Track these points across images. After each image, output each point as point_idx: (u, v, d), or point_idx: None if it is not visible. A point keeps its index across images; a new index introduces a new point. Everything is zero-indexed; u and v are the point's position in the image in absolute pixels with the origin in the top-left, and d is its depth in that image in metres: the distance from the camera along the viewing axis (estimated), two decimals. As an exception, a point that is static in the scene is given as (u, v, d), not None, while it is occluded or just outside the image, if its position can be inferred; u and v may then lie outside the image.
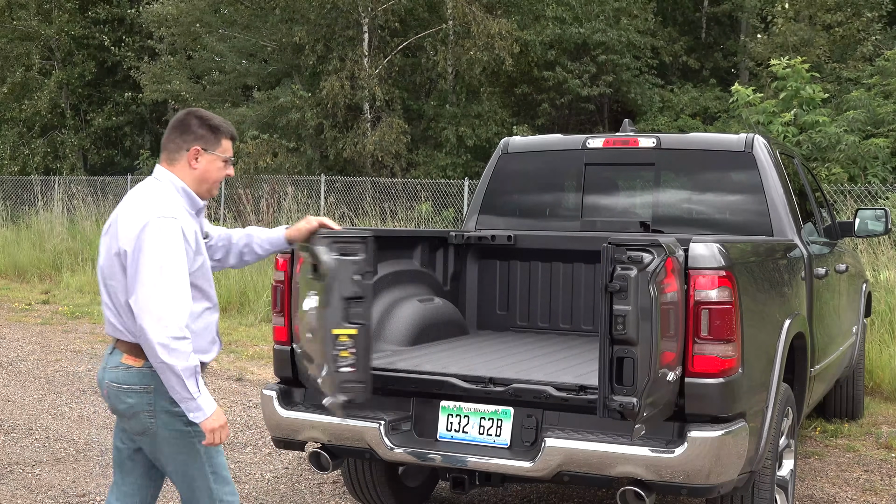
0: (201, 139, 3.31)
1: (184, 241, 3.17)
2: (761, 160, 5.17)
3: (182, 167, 3.32)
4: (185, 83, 24.14)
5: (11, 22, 27.18)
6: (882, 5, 21.59)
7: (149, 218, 3.14)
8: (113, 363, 3.29)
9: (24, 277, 16.82)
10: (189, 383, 3.10)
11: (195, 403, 3.14)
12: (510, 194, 5.88)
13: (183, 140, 3.31)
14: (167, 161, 3.34)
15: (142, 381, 3.22)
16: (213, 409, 3.18)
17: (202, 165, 3.32)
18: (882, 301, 8.86)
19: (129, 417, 3.29)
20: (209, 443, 3.22)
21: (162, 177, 3.33)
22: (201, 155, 3.31)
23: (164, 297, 3.07)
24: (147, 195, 3.25)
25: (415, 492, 5.21)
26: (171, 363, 3.06)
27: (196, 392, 3.12)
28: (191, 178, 3.32)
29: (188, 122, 3.32)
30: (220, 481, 3.36)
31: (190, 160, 3.30)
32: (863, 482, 5.79)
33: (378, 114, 21.25)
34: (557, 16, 21.89)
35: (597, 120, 23.95)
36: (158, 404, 3.22)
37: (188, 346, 3.11)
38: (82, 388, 8.20)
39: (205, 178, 3.34)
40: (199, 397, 3.13)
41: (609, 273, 3.46)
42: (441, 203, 16.97)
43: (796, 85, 15.15)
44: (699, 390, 3.68)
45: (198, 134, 3.30)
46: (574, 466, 3.81)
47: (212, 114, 3.39)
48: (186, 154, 3.30)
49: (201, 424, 3.18)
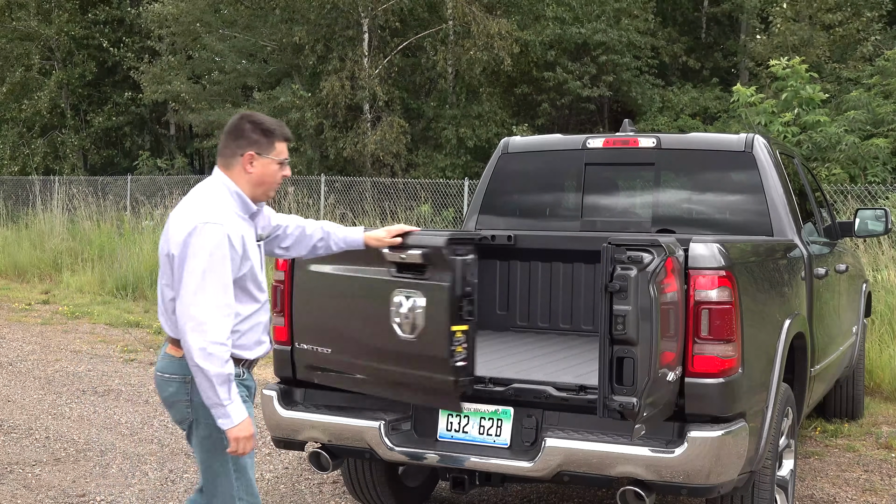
0: (255, 144, 3.35)
1: (229, 247, 3.22)
2: (761, 160, 5.18)
3: (237, 172, 3.36)
4: (185, 83, 24.14)
5: (11, 22, 27.17)
6: (882, 5, 21.57)
7: (196, 223, 3.20)
8: (162, 352, 3.43)
9: (24, 277, 16.82)
10: (220, 390, 3.15)
11: (224, 410, 3.18)
12: (510, 194, 5.88)
13: (237, 145, 3.36)
14: (223, 166, 3.39)
15: (181, 371, 3.29)
16: (242, 418, 3.21)
17: (257, 169, 3.36)
18: (882, 301, 8.86)
19: (169, 406, 3.39)
20: (232, 451, 3.25)
21: (217, 180, 3.38)
22: (255, 159, 3.35)
23: (205, 303, 3.14)
24: (199, 199, 3.32)
25: (415, 492, 5.21)
26: (206, 368, 3.12)
27: (227, 399, 3.17)
28: (246, 182, 3.36)
29: (241, 126, 3.37)
30: (242, 482, 3.38)
31: (245, 165, 3.35)
32: (863, 482, 5.79)
33: (378, 114, 21.25)
34: (557, 16, 21.88)
35: (597, 120, 23.95)
36: (195, 396, 3.26)
37: (225, 352, 3.16)
38: (82, 388, 8.21)
39: (261, 182, 3.38)
40: (228, 405, 3.17)
41: (609, 273, 3.46)
42: (441, 203, 16.97)
43: (796, 85, 15.14)
44: (699, 390, 3.68)
45: (251, 139, 3.35)
46: (574, 466, 3.81)
47: (265, 117, 3.43)
48: (241, 159, 3.35)
49: (227, 432, 3.21)
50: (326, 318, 4.25)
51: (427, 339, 3.81)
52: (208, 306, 3.14)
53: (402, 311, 3.83)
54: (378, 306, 3.92)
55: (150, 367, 9.23)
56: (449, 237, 3.78)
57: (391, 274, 3.91)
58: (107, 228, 17.34)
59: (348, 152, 20.47)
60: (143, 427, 6.92)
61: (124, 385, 8.34)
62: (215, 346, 3.13)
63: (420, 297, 3.80)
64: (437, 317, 3.77)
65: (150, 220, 16.48)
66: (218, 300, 3.16)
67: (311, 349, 4.21)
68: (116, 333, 11.25)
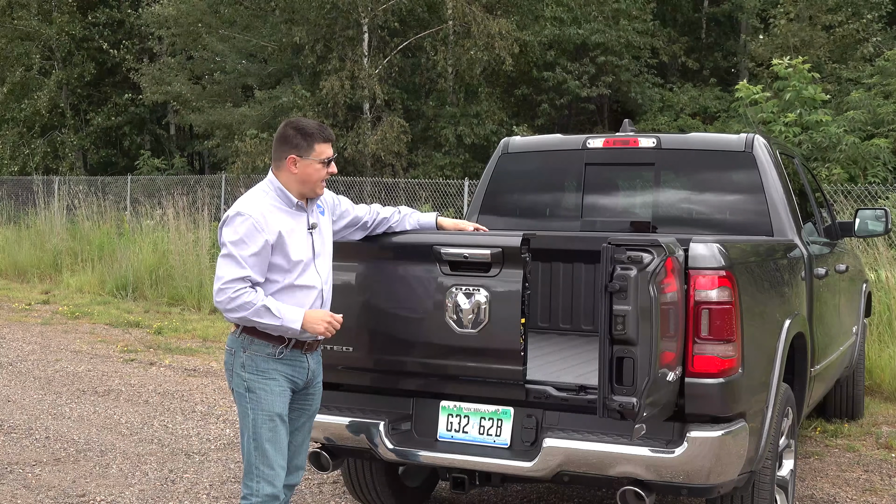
0: (296, 148, 3.75)
1: (255, 231, 3.61)
2: (761, 160, 5.17)
3: (285, 173, 3.77)
4: (185, 84, 24.14)
5: (11, 22, 27.17)
6: (882, 6, 21.57)
7: (230, 213, 3.69)
8: None
9: (24, 277, 16.82)
10: (265, 319, 3.58)
11: (284, 327, 3.61)
12: (510, 194, 5.88)
13: (282, 150, 3.77)
14: (274, 167, 3.81)
15: (231, 344, 3.77)
16: (300, 318, 3.62)
17: (300, 170, 3.75)
18: (882, 301, 8.86)
19: (226, 373, 3.83)
20: (324, 332, 3.68)
21: (268, 178, 3.80)
22: (298, 161, 3.74)
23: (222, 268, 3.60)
24: (246, 195, 3.78)
25: (415, 492, 5.21)
26: (242, 316, 3.58)
27: (277, 320, 3.59)
28: (293, 182, 3.77)
29: (286, 133, 3.78)
30: (261, 456, 3.68)
31: (290, 167, 3.75)
32: (863, 482, 5.79)
33: (378, 113, 21.25)
34: (556, 16, 21.88)
35: (597, 120, 23.95)
36: (235, 365, 3.73)
37: (243, 296, 3.55)
38: (82, 388, 8.21)
39: (306, 181, 3.77)
40: (283, 320, 3.59)
41: (609, 273, 3.46)
42: (441, 203, 16.97)
43: (798, 85, 15.13)
44: (699, 390, 3.68)
45: (293, 143, 3.75)
46: (574, 466, 3.81)
47: (307, 121, 3.83)
48: (286, 162, 3.75)
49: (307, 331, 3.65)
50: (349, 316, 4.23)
51: (494, 333, 3.93)
52: (221, 273, 3.59)
53: (462, 307, 3.96)
54: (427, 302, 4.00)
55: (150, 367, 9.23)
56: (523, 237, 3.95)
57: (445, 272, 4.02)
58: (107, 228, 17.34)
59: (349, 152, 20.47)
60: (143, 427, 6.92)
61: (124, 385, 8.34)
62: (232, 301, 3.54)
63: (482, 294, 3.94)
64: (507, 311, 3.91)
65: (150, 219, 16.47)
66: (230, 268, 3.58)
67: (328, 348, 4.21)
68: (116, 333, 11.25)
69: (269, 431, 3.68)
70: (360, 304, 4.21)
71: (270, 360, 3.68)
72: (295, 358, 3.74)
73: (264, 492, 3.68)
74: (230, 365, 3.75)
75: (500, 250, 3.93)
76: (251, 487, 3.69)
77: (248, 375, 3.68)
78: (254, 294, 3.58)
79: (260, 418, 3.67)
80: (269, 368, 3.69)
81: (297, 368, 3.76)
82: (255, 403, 3.68)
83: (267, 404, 3.68)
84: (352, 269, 4.22)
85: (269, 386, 3.68)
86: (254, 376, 3.68)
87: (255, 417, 3.67)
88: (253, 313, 3.57)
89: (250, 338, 3.69)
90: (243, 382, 3.70)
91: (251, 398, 3.68)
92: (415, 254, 4.14)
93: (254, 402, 3.68)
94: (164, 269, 14.23)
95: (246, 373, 3.69)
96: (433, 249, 4.04)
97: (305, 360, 3.79)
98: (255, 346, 3.68)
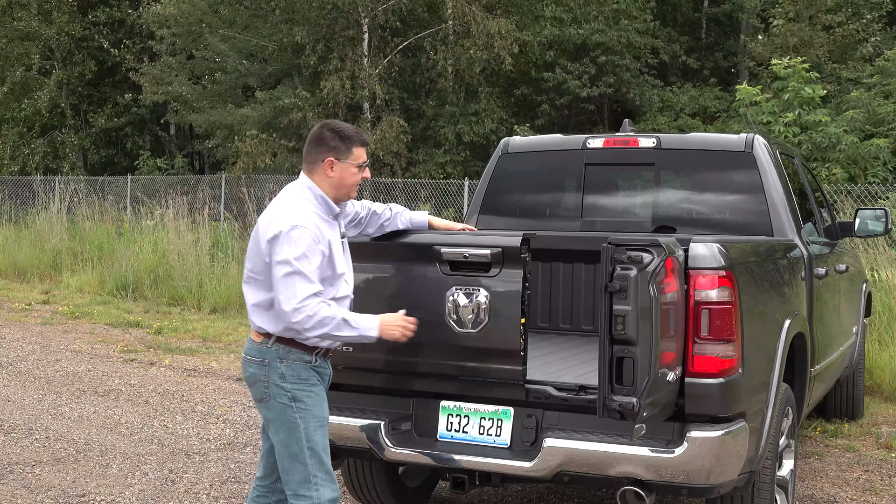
0: (334, 150, 3.69)
1: (314, 244, 3.54)
2: (761, 160, 5.17)
3: (320, 176, 3.70)
4: (185, 84, 24.14)
5: (11, 22, 27.17)
6: (882, 6, 21.57)
7: (282, 227, 3.52)
8: (248, 337, 3.75)
9: (24, 277, 16.82)
10: (344, 332, 3.55)
11: (362, 336, 3.61)
12: (510, 194, 5.88)
13: (318, 152, 3.70)
14: (308, 171, 3.73)
15: (261, 355, 3.63)
16: (377, 324, 3.63)
17: (337, 173, 3.69)
18: (882, 301, 8.86)
19: (250, 385, 3.70)
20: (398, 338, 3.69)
21: (303, 184, 3.71)
22: (335, 164, 3.68)
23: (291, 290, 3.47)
24: (288, 204, 3.63)
25: (415, 492, 5.21)
26: (322, 332, 3.51)
27: (355, 331, 3.57)
28: (328, 186, 3.70)
29: (323, 135, 3.71)
30: (318, 464, 3.62)
31: (326, 170, 3.69)
32: (863, 482, 5.79)
33: (378, 113, 21.25)
34: (556, 16, 21.87)
35: (597, 120, 23.95)
36: (271, 377, 3.60)
37: (323, 311, 3.48)
38: (82, 388, 8.21)
39: (341, 185, 3.72)
40: (360, 330, 3.58)
41: (609, 273, 3.46)
42: (441, 203, 16.97)
43: (797, 85, 15.13)
44: (699, 390, 3.68)
45: (330, 146, 3.69)
46: (574, 466, 3.81)
47: (343, 124, 3.76)
48: (322, 164, 3.68)
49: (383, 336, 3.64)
50: None
51: (494, 333, 3.93)
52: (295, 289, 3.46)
53: (461, 307, 3.97)
54: (427, 302, 4.01)
55: (150, 366, 9.23)
56: (523, 237, 3.94)
57: (445, 272, 4.03)
58: (107, 228, 17.34)
59: (349, 151, 20.43)
60: (143, 427, 6.92)
61: (124, 385, 8.34)
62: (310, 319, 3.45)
63: (482, 293, 3.95)
64: (508, 311, 3.91)
65: (151, 220, 16.48)
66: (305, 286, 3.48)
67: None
68: (116, 333, 11.25)
69: (322, 437, 3.64)
70: (361, 304, 4.21)
71: (309, 367, 3.64)
72: (322, 364, 3.72)
73: (327, 497, 3.61)
74: (261, 377, 3.63)
75: (500, 250, 3.93)
76: (311, 497, 3.60)
77: (291, 385, 3.60)
78: (330, 308, 3.52)
79: (312, 425, 3.61)
80: (309, 376, 3.64)
81: (324, 374, 3.74)
82: (305, 412, 3.60)
83: (317, 410, 3.63)
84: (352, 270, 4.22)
85: (314, 391, 3.64)
86: (298, 385, 3.61)
87: (307, 426, 3.60)
88: (334, 328, 3.52)
89: (287, 347, 3.60)
90: (286, 393, 3.60)
91: (299, 407, 3.60)
92: (415, 254, 4.14)
93: (302, 410, 3.60)
94: (163, 269, 14.23)
95: (288, 383, 3.60)
96: (433, 249, 4.05)
97: (328, 366, 3.78)
98: (294, 355, 3.61)
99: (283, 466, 3.64)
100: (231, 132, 22.28)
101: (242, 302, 13.23)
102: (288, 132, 21.39)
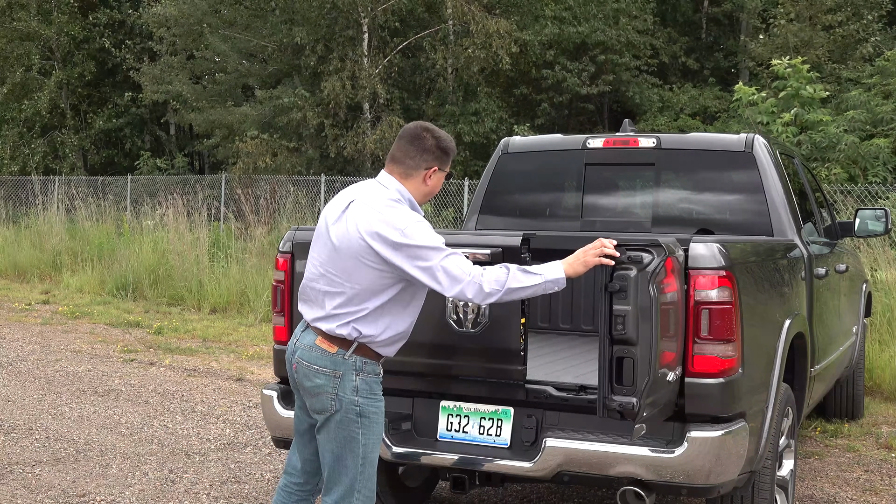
0: (438, 160, 3.53)
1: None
2: (761, 160, 5.17)
3: (416, 182, 3.52)
4: (185, 84, 24.15)
5: (11, 22, 27.19)
6: (882, 6, 21.58)
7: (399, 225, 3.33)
8: (306, 342, 3.46)
9: (24, 277, 16.82)
10: (529, 289, 3.34)
11: (548, 284, 3.36)
12: (510, 194, 5.88)
13: (422, 158, 3.51)
14: (402, 175, 3.52)
15: (332, 366, 3.41)
16: (560, 269, 3.37)
17: (433, 182, 3.56)
18: (882, 301, 8.86)
19: (312, 395, 3.46)
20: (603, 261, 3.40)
21: (392, 187, 3.49)
22: (435, 174, 3.54)
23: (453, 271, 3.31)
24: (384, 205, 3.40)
25: (415, 492, 5.20)
26: (517, 289, 3.32)
27: (534, 279, 3.34)
28: (420, 193, 3.55)
29: (427, 140, 3.51)
30: (366, 476, 3.49)
31: (425, 178, 3.52)
32: (863, 482, 5.79)
33: (378, 113, 21.25)
34: (556, 15, 21.88)
35: (597, 120, 23.97)
36: (342, 390, 3.40)
37: (495, 272, 3.31)
38: (82, 388, 8.21)
39: (431, 193, 3.59)
40: (541, 280, 3.35)
41: (609, 273, 3.46)
42: (441, 203, 16.97)
43: (797, 85, 15.14)
44: (699, 390, 3.68)
45: (436, 154, 3.52)
46: (574, 466, 3.81)
47: (442, 132, 3.59)
48: (424, 172, 3.52)
49: (566, 274, 3.38)
50: None
51: (495, 333, 3.92)
52: (456, 267, 3.30)
53: (462, 307, 3.95)
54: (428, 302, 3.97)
55: (150, 367, 9.23)
56: (523, 237, 3.94)
57: None
58: (106, 228, 17.34)
59: (348, 151, 20.47)
60: (143, 427, 6.92)
61: (124, 385, 8.34)
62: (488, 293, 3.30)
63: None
64: (507, 311, 3.88)
65: (150, 220, 16.49)
66: (459, 260, 3.32)
67: None
68: (116, 333, 11.25)
69: (376, 454, 3.50)
70: None
71: (378, 379, 3.49)
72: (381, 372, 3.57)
73: None
74: (330, 388, 3.41)
75: (500, 250, 3.93)
76: None
77: (362, 400, 3.42)
78: (495, 267, 3.37)
79: (371, 442, 3.47)
80: (378, 390, 3.49)
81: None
82: (368, 428, 3.44)
83: (378, 427, 3.49)
84: None
85: (379, 408, 3.49)
86: (368, 400, 3.44)
87: (367, 442, 3.45)
88: (516, 283, 3.33)
89: (363, 359, 3.42)
90: (356, 408, 3.41)
91: (363, 423, 3.43)
92: None
93: (366, 427, 3.44)
94: (163, 269, 14.23)
95: (360, 397, 3.41)
96: None
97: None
98: (369, 366, 3.45)
99: (329, 475, 3.49)
100: (231, 132, 22.30)
101: (242, 301, 13.21)
102: (288, 132, 21.40)
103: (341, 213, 3.45)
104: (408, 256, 3.31)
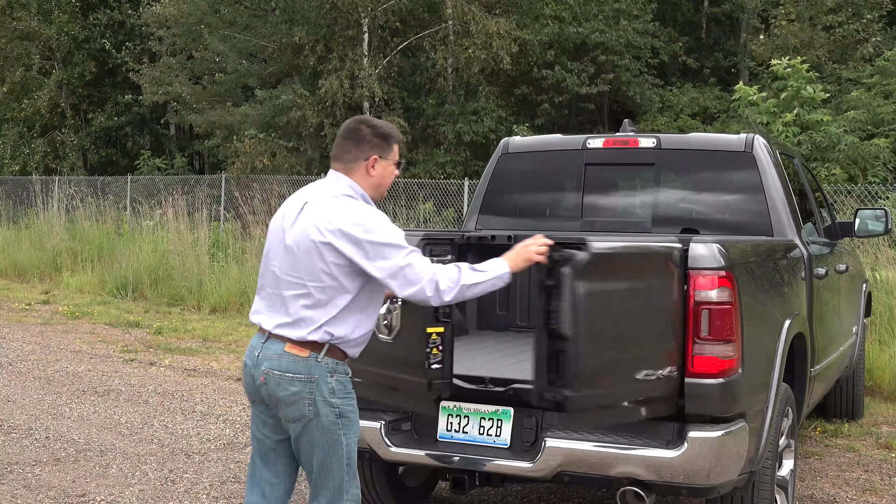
0: (377, 147, 3.46)
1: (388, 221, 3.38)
2: (761, 160, 5.17)
3: (360, 175, 3.46)
4: (185, 84, 24.15)
5: (11, 22, 27.18)
6: (882, 6, 21.58)
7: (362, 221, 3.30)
8: (273, 351, 3.39)
9: (24, 277, 16.82)
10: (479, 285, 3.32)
11: (494, 280, 3.35)
12: (510, 194, 5.88)
13: (360, 150, 3.45)
14: (345, 169, 3.47)
15: (307, 371, 3.34)
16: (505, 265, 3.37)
17: (378, 172, 3.48)
18: (882, 301, 8.86)
19: (288, 404, 3.37)
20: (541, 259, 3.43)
21: (343, 182, 3.45)
22: (378, 162, 3.47)
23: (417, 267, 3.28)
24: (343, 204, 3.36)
25: (415, 492, 5.20)
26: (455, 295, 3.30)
27: (484, 276, 3.33)
28: (368, 185, 3.48)
29: (361, 131, 3.47)
30: (351, 475, 3.46)
31: (368, 169, 3.46)
32: (863, 482, 5.79)
33: (378, 113, 21.25)
34: (556, 15, 21.88)
35: (597, 120, 23.95)
36: (318, 394, 3.34)
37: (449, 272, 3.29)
38: (82, 388, 8.21)
39: (381, 184, 3.51)
40: (490, 276, 3.34)
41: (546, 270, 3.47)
42: (441, 203, 16.97)
43: (797, 85, 15.13)
44: (699, 390, 3.68)
45: (373, 143, 3.46)
46: (574, 466, 3.81)
47: (379, 120, 3.55)
48: (364, 163, 3.45)
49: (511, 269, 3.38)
50: None
51: (404, 342, 3.84)
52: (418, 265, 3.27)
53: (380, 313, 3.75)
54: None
55: (150, 367, 9.23)
56: (422, 237, 3.86)
57: None
58: (106, 228, 17.35)
59: (348, 151, 20.43)
60: (143, 427, 6.92)
61: (124, 385, 8.34)
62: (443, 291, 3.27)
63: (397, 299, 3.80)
64: (413, 318, 3.79)
65: (150, 220, 16.49)
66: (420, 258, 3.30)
67: None
68: (116, 333, 11.25)
69: (356, 451, 3.47)
70: None
71: (349, 378, 3.44)
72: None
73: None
74: (306, 394, 3.35)
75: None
76: None
77: (339, 401, 3.38)
78: (448, 266, 3.33)
79: (352, 441, 3.44)
80: (351, 388, 3.44)
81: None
82: (348, 428, 3.41)
83: (356, 425, 3.46)
84: None
85: (354, 405, 3.45)
86: (344, 400, 3.40)
87: (349, 442, 3.43)
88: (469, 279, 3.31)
89: (335, 360, 3.37)
90: (334, 409, 3.37)
91: (343, 423, 3.40)
92: None
93: (346, 426, 3.40)
94: (163, 269, 14.24)
95: (337, 398, 3.37)
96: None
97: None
98: (342, 367, 3.40)
99: (315, 481, 3.45)
100: (230, 132, 22.30)
101: (242, 301, 13.22)
102: (287, 132, 21.40)
103: (296, 215, 3.41)
104: (368, 253, 3.27)
